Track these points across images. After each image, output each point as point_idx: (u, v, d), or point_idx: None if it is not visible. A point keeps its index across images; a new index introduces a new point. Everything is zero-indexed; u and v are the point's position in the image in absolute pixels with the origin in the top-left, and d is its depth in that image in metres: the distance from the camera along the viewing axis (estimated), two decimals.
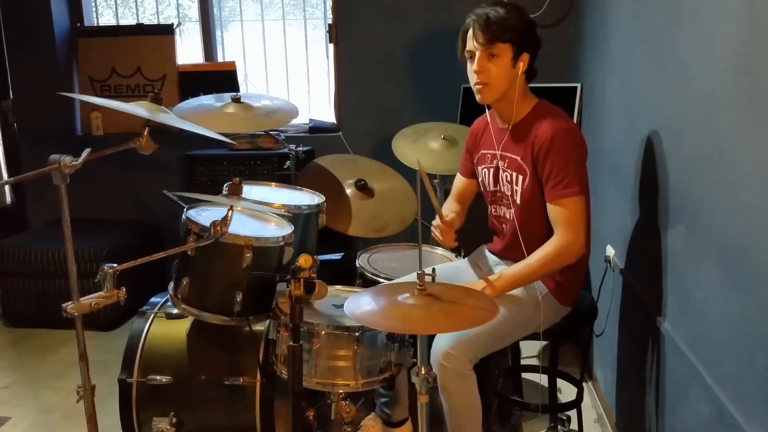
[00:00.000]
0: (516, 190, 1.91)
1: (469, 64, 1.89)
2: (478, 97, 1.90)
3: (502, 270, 1.90)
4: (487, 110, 2.03)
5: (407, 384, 2.13)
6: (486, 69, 1.84)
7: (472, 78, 1.87)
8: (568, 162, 1.79)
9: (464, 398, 1.81)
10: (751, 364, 1.23)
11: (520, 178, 1.89)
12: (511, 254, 1.99)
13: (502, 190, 1.97)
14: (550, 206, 1.82)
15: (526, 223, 1.91)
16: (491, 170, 2.00)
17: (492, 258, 2.09)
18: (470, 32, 1.86)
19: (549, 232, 1.84)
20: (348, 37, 3.69)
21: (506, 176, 1.94)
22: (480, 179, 2.07)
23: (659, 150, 1.84)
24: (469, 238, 2.24)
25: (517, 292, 1.89)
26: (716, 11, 1.43)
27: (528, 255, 1.86)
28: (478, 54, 1.84)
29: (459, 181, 2.18)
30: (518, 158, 1.89)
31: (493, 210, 2.05)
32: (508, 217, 1.97)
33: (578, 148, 1.83)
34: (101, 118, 3.91)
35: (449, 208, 2.14)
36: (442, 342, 1.77)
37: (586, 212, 1.84)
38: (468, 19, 1.87)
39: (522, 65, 1.85)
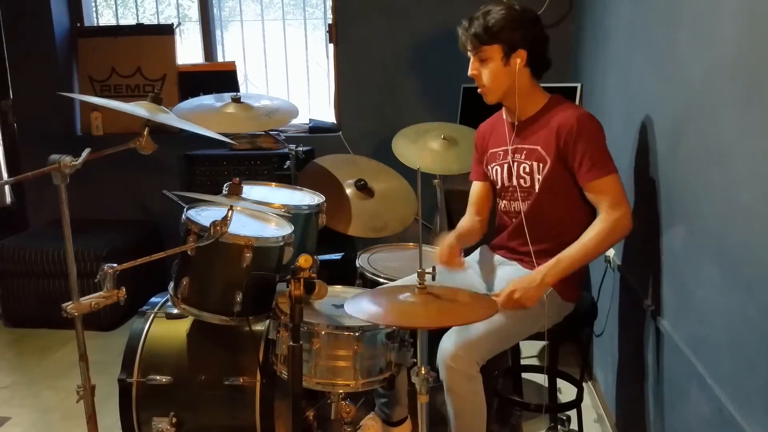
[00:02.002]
0: (537, 179, 1.92)
1: None
2: (484, 99, 1.95)
3: (558, 256, 1.84)
4: (503, 110, 2.05)
5: (406, 383, 2.13)
6: (479, 74, 1.90)
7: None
8: (597, 143, 1.83)
9: (471, 400, 1.80)
10: (751, 364, 1.23)
11: (540, 166, 1.90)
12: (514, 244, 2.01)
13: (518, 183, 1.97)
14: (591, 186, 1.83)
15: (538, 212, 1.92)
16: (504, 166, 2.00)
17: (496, 258, 2.09)
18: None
19: (561, 220, 1.88)
20: (348, 37, 3.69)
21: (525, 168, 1.94)
22: (492, 178, 2.08)
23: (659, 150, 1.84)
24: None
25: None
26: (716, 11, 1.43)
27: (531, 243, 1.90)
28: (471, 59, 1.90)
29: (475, 188, 2.18)
30: (538, 147, 1.90)
31: (504, 206, 2.05)
32: (518, 209, 1.98)
33: (601, 131, 1.87)
34: (101, 118, 3.91)
35: (466, 222, 2.14)
36: (449, 343, 1.76)
37: (586, 203, 1.88)
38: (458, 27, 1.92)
39: (519, 62, 1.87)
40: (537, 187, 1.92)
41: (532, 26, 1.88)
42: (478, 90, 1.93)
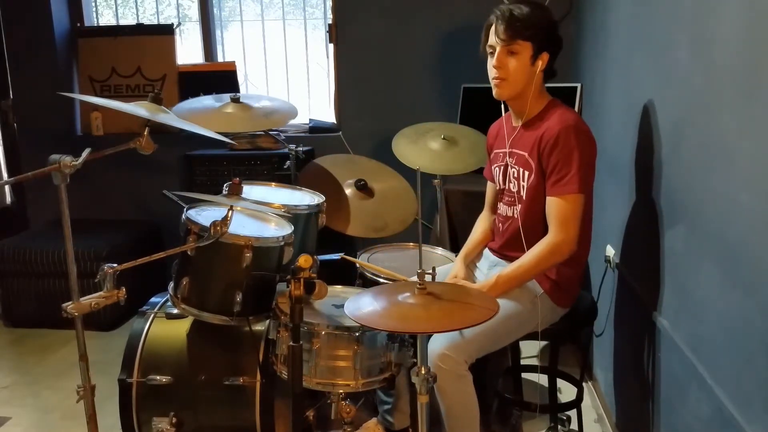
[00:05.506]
0: (522, 186, 1.92)
1: (489, 59, 1.90)
2: (494, 92, 1.90)
3: (498, 272, 1.90)
4: (503, 111, 2.04)
5: (408, 390, 2.13)
6: (505, 65, 1.86)
7: (491, 72, 1.89)
8: (572, 158, 1.79)
9: (461, 399, 1.81)
10: (751, 364, 1.23)
11: (526, 173, 1.90)
12: (507, 251, 2.00)
13: (509, 187, 1.98)
14: (548, 200, 1.84)
15: (529, 220, 1.91)
16: (501, 168, 2.01)
17: (491, 258, 2.09)
18: (493, 27, 1.87)
19: (544, 232, 1.85)
20: (348, 37, 3.69)
21: (513, 172, 1.95)
22: (495, 179, 2.08)
23: (659, 150, 1.84)
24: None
25: (512, 292, 1.89)
26: (716, 11, 1.43)
27: (519, 251, 1.88)
28: (498, 49, 1.86)
29: (489, 187, 2.19)
30: (525, 154, 1.90)
31: (499, 208, 2.06)
32: (510, 214, 1.98)
33: (585, 146, 1.82)
34: (101, 118, 3.91)
35: (480, 227, 2.18)
36: (437, 343, 1.77)
37: (583, 211, 1.84)
38: (492, 14, 1.88)
39: (541, 64, 1.87)
40: (524, 195, 1.92)
41: (557, 32, 1.89)
42: (495, 81, 1.87)
